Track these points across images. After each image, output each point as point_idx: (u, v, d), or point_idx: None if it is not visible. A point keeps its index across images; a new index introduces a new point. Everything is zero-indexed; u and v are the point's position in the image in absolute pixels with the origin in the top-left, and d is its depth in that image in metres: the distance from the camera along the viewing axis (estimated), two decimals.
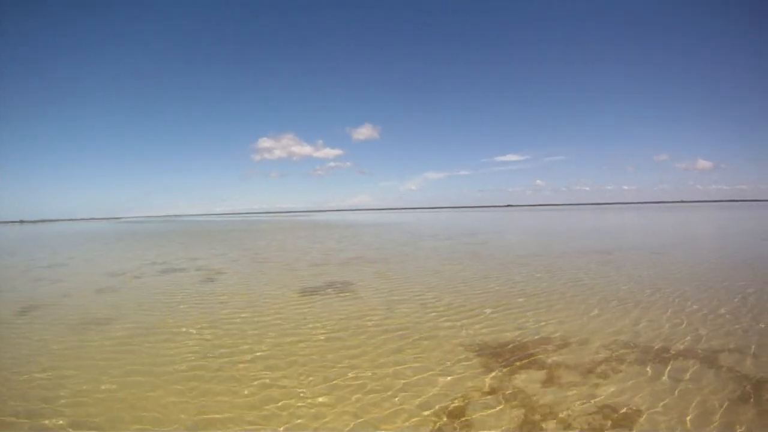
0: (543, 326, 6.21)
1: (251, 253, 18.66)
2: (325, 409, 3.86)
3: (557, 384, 4.22)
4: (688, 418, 3.51)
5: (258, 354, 5.38)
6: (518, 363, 4.81)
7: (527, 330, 6.06)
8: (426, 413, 3.74)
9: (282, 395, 4.17)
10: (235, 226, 55.13)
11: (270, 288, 10.07)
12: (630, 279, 9.70)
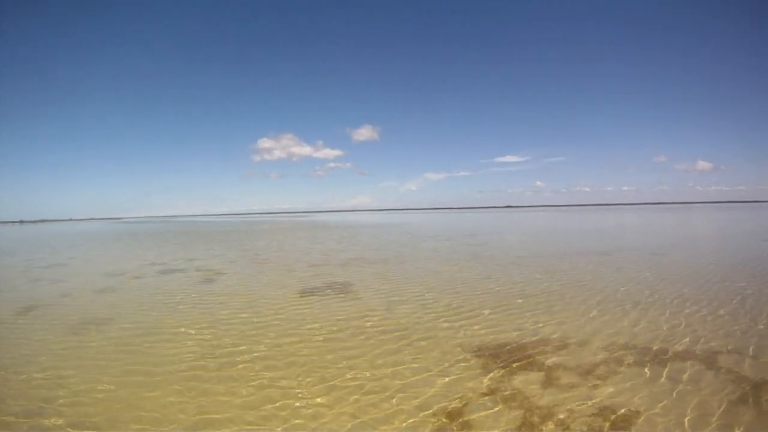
0: (542, 327, 6.21)
1: (251, 254, 18.67)
2: (324, 410, 3.87)
3: (556, 385, 4.22)
4: (687, 420, 3.52)
5: (257, 354, 5.39)
6: (517, 364, 4.81)
7: (526, 331, 6.06)
8: (424, 414, 3.75)
9: (280, 396, 4.17)
10: (235, 227, 55.12)
11: (269, 289, 10.07)
12: (630, 280, 9.70)
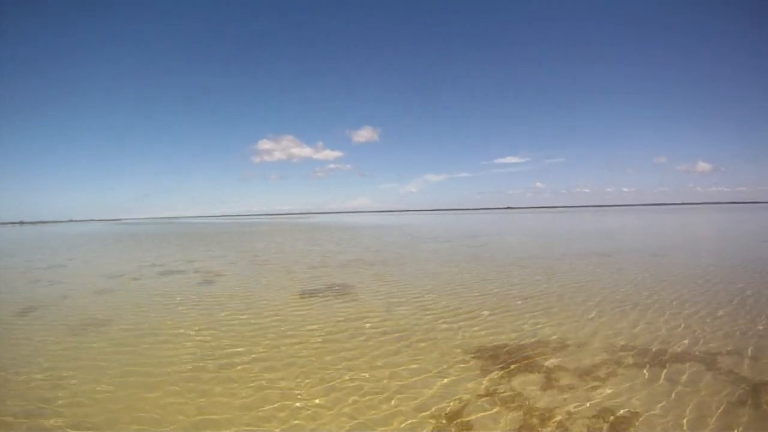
0: (541, 329, 6.22)
1: (250, 255, 18.67)
2: (322, 411, 3.87)
3: (554, 386, 4.22)
4: (685, 421, 3.52)
5: (256, 356, 5.39)
6: (516, 365, 4.81)
7: (525, 332, 6.06)
8: (423, 415, 3.75)
9: (279, 397, 4.18)
10: (235, 228, 55.13)
11: (268, 290, 10.07)
12: (629, 281, 9.70)
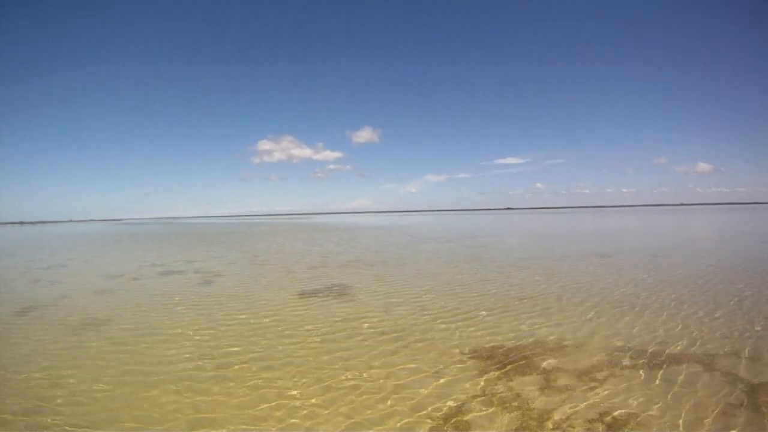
0: (539, 329, 6.23)
1: (250, 256, 18.69)
2: (319, 410, 3.89)
3: (551, 387, 4.24)
4: (681, 422, 3.53)
5: (253, 355, 5.41)
6: (513, 365, 4.83)
7: (523, 333, 6.08)
8: (419, 415, 3.76)
9: (276, 396, 4.20)
10: (234, 229, 55.17)
11: (268, 290, 10.09)
12: (629, 282, 9.71)
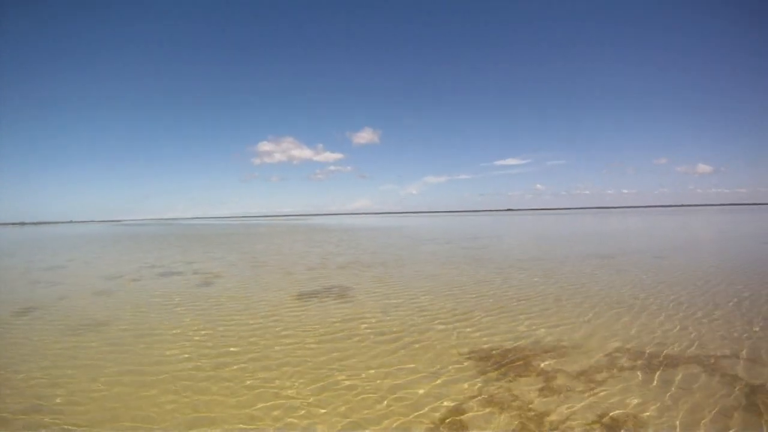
0: (537, 330, 6.24)
1: (249, 257, 18.71)
2: (316, 410, 3.90)
3: (549, 387, 4.25)
4: (678, 422, 3.54)
5: (251, 356, 5.42)
6: (510, 366, 4.84)
7: (521, 334, 6.09)
8: (416, 415, 3.78)
9: (274, 396, 4.21)
10: (234, 230, 55.19)
11: (266, 291, 10.10)
12: (628, 283, 9.72)
